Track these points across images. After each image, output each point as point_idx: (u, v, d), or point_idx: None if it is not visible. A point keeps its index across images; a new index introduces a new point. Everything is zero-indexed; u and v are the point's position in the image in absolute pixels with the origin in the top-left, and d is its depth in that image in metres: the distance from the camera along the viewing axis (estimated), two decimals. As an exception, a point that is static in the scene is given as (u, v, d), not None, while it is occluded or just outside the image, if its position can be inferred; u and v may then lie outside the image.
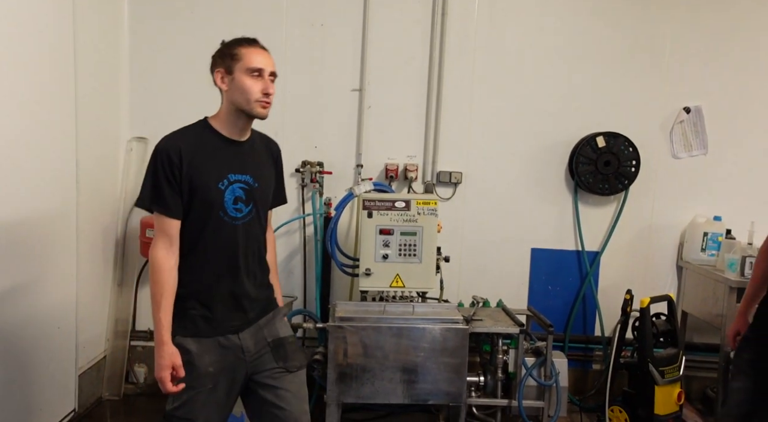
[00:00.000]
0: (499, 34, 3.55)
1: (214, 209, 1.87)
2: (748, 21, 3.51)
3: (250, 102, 1.87)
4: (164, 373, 1.82)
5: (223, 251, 1.91)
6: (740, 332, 2.32)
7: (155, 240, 1.86)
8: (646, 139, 3.54)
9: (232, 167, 1.91)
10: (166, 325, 1.83)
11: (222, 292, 1.93)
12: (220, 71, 1.90)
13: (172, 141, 1.87)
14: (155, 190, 1.84)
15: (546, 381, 2.89)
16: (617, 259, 3.67)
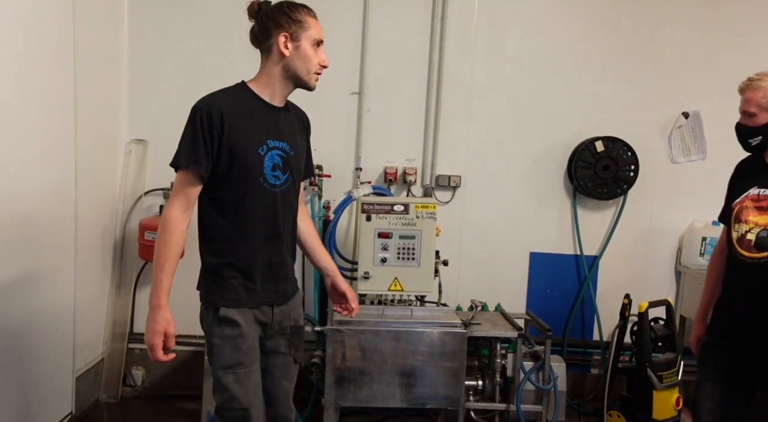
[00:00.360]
0: (499, 39, 3.55)
1: (254, 175, 1.83)
2: (746, 26, 3.52)
3: (310, 73, 1.87)
4: (157, 339, 1.73)
5: (263, 219, 1.86)
6: (701, 338, 2.30)
7: (172, 199, 1.80)
8: (644, 143, 3.55)
9: (270, 132, 1.87)
10: (166, 288, 1.76)
11: (262, 261, 1.88)
12: (285, 35, 1.83)
13: (215, 102, 1.80)
14: (193, 148, 1.77)
15: (544, 386, 2.89)
16: (616, 263, 3.67)
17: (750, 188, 2.07)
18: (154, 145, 3.54)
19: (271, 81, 1.88)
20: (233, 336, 1.81)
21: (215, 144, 1.78)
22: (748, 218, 2.04)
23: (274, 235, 1.90)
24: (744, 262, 2.04)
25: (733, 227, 2.08)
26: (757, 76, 2.05)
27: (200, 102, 1.81)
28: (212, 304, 1.85)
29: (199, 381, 3.19)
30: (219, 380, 1.84)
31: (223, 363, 1.84)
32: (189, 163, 1.77)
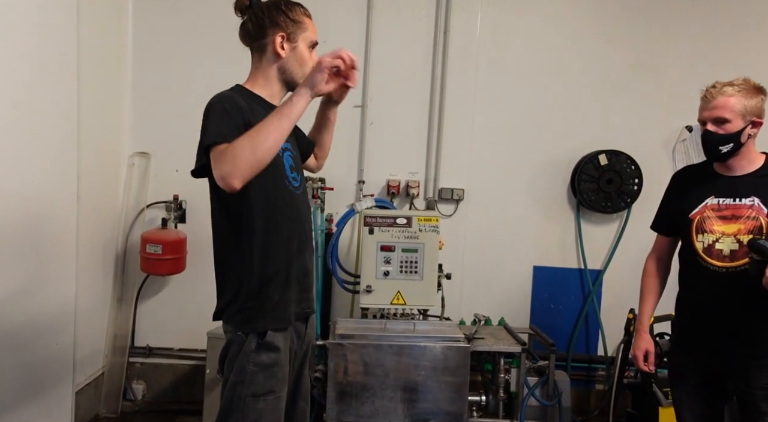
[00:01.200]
0: (501, 52, 3.56)
1: (280, 177, 1.72)
2: (748, 39, 3.52)
3: (305, 76, 1.71)
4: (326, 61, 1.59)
5: (296, 223, 1.77)
6: (648, 351, 2.25)
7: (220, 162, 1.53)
8: (648, 157, 3.54)
9: None
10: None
11: (298, 269, 1.77)
12: (282, 35, 1.74)
13: (232, 96, 1.67)
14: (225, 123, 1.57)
15: (548, 401, 2.85)
16: (620, 278, 3.63)
17: (707, 198, 2.07)
18: (157, 158, 3.55)
19: (268, 82, 1.79)
20: (270, 364, 1.69)
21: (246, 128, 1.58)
22: (713, 228, 2.05)
23: (305, 240, 1.81)
24: (717, 272, 2.03)
25: (695, 237, 2.08)
26: (725, 82, 2.03)
27: (221, 98, 1.66)
28: (256, 328, 1.69)
29: (200, 396, 3.16)
30: (244, 406, 1.69)
31: (254, 391, 1.69)
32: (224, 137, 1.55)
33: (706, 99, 2.05)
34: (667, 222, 2.23)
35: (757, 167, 2.06)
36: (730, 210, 2.03)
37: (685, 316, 2.20)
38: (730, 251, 2.02)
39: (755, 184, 2.03)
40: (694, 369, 2.14)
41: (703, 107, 2.05)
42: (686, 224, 2.11)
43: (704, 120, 2.05)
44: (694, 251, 2.08)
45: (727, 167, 2.08)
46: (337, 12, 3.50)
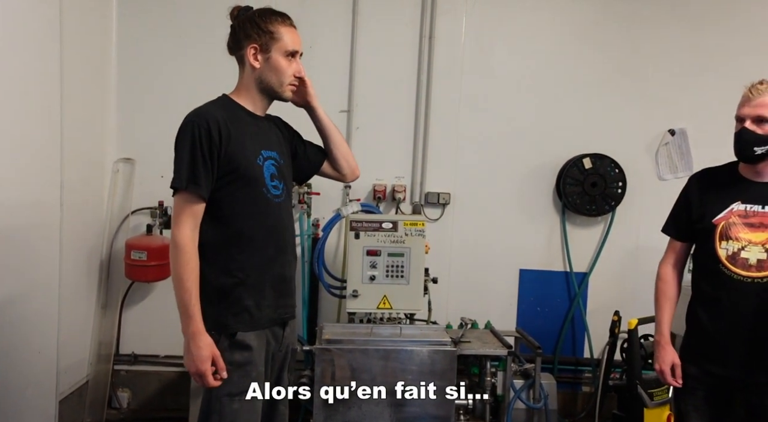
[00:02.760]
0: (486, 58, 3.59)
1: (258, 186, 1.77)
2: (729, 43, 3.57)
3: (283, 85, 1.82)
4: (206, 365, 1.66)
5: (272, 231, 1.81)
6: (675, 364, 2.11)
7: (179, 220, 1.69)
8: (632, 161, 3.58)
9: (262, 143, 1.83)
10: (200, 312, 1.67)
11: (274, 275, 1.82)
12: (254, 47, 1.79)
13: (209, 113, 1.72)
14: (192, 167, 1.68)
15: (534, 404, 2.86)
16: (605, 280, 3.67)
17: (732, 203, 2.01)
18: (142, 164, 3.53)
19: (249, 93, 1.85)
20: (243, 363, 1.74)
21: (215, 160, 1.70)
22: (739, 235, 1.98)
23: (283, 247, 1.85)
24: (741, 281, 1.97)
25: (718, 244, 2.01)
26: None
27: (193, 116, 1.73)
28: (226, 328, 1.75)
29: (186, 403, 3.13)
30: (220, 407, 1.74)
31: (230, 390, 1.74)
32: (188, 184, 1.69)
33: (750, 96, 1.95)
34: (686, 226, 2.13)
35: None
36: (758, 217, 1.97)
37: (700, 326, 2.09)
38: (757, 260, 1.95)
39: None
40: (704, 381, 2.08)
41: (745, 103, 1.96)
42: (709, 230, 2.03)
43: (744, 117, 1.97)
44: (716, 258, 2.00)
45: (756, 171, 2.01)
46: (322, 18, 3.51)
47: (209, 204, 1.75)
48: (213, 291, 1.76)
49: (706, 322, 2.08)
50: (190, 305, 1.66)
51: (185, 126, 1.73)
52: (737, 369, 2.01)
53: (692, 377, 2.11)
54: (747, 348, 1.99)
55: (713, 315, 2.06)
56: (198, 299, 1.68)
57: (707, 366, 2.07)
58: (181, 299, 1.68)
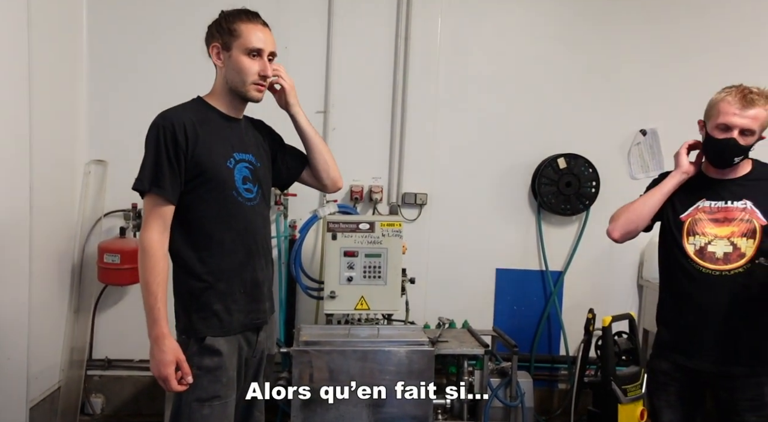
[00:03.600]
0: (462, 58, 3.61)
1: (227, 189, 1.75)
2: (695, 45, 3.65)
3: (246, 84, 1.78)
4: (169, 369, 1.65)
5: (242, 235, 1.79)
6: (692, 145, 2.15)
7: (148, 224, 1.69)
8: (605, 160, 3.63)
9: (235, 145, 1.81)
10: (165, 316, 1.67)
11: (245, 280, 1.80)
12: (216, 46, 1.79)
13: (176, 116, 1.72)
14: (157, 170, 1.68)
15: (511, 402, 2.89)
16: (580, 278, 3.72)
17: (698, 201, 2.06)
18: (114, 165, 3.47)
19: (222, 94, 1.83)
20: (213, 368, 1.72)
21: (181, 163, 1.69)
22: (705, 230, 2.03)
23: (255, 251, 1.83)
24: (710, 275, 2.01)
25: (685, 239, 2.07)
26: (758, 91, 1.95)
27: (159, 119, 1.72)
28: (196, 333, 1.74)
29: (160, 408, 3.09)
30: (190, 412, 1.72)
31: (199, 396, 1.72)
32: (152, 186, 1.69)
33: (743, 104, 1.93)
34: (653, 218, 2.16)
35: (747, 171, 2.07)
36: (722, 213, 2.02)
37: (670, 321, 2.15)
38: (724, 253, 2.00)
39: (746, 187, 2.03)
40: (676, 377, 2.12)
41: (737, 113, 1.94)
42: (676, 226, 2.08)
43: (733, 126, 1.95)
44: (684, 253, 2.05)
45: (721, 171, 2.07)
46: (297, 18, 3.49)
47: (178, 208, 1.73)
48: (183, 295, 1.75)
49: (676, 316, 2.13)
50: (154, 308, 1.66)
51: (151, 129, 1.72)
52: (707, 361, 2.05)
53: (664, 372, 2.16)
54: (716, 340, 2.03)
55: (683, 309, 2.10)
56: (164, 303, 1.67)
57: (678, 360, 2.11)
58: (147, 302, 1.67)
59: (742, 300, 1.97)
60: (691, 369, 2.09)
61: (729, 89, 2.00)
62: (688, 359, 2.09)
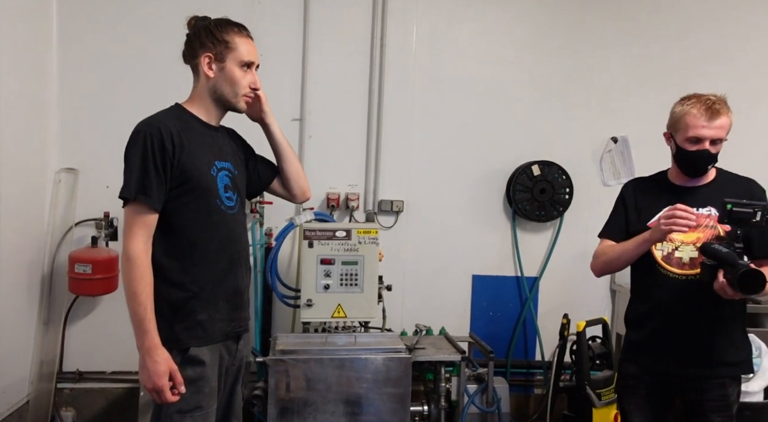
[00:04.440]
0: (437, 65, 3.64)
1: (211, 197, 1.75)
2: (665, 56, 3.74)
3: (237, 95, 1.80)
4: (163, 380, 1.62)
5: (225, 243, 1.79)
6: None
7: (132, 232, 1.66)
8: (578, 167, 3.69)
9: (215, 153, 1.81)
10: (155, 326, 1.64)
11: (226, 288, 1.80)
12: (208, 56, 1.77)
13: (162, 123, 1.70)
14: (144, 178, 1.65)
15: (488, 408, 2.90)
16: (555, 284, 3.76)
17: (665, 208, 2.09)
18: (86, 174, 3.40)
19: (203, 102, 1.83)
20: (195, 379, 1.70)
21: (168, 171, 1.68)
22: (672, 236, 2.07)
23: (237, 259, 1.83)
24: (677, 279, 2.06)
25: (654, 245, 2.10)
26: (720, 99, 2.01)
27: (145, 125, 1.70)
28: (178, 343, 1.71)
29: (133, 420, 3.03)
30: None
31: (180, 407, 1.70)
32: (138, 194, 1.66)
33: (710, 116, 1.98)
34: (624, 230, 2.19)
35: (710, 179, 2.12)
36: None
37: (639, 325, 2.19)
38: (690, 258, 2.05)
39: (711, 194, 2.08)
40: (644, 380, 2.16)
41: (705, 124, 1.99)
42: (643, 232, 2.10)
43: (704, 138, 2.00)
44: (652, 259, 2.09)
45: (686, 179, 2.12)
46: (273, 24, 3.48)
47: (161, 216, 1.71)
48: (165, 305, 1.72)
49: (643, 320, 2.18)
50: (145, 319, 1.62)
51: (136, 135, 1.69)
52: (673, 364, 2.10)
53: (633, 375, 2.20)
54: (681, 343, 2.08)
55: (651, 313, 2.15)
56: (153, 313, 1.64)
57: (645, 363, 2.16)
58: (135, 313, 1.64)
59: (705, 304, 2.02)
60: (658, 372, 2.14)
61: (690, 101, 2.05)
62: (654, 362, 2.14)
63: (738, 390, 2.14)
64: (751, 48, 3.76)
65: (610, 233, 2.25)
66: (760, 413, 2.80)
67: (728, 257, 1.87)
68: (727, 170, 2.19)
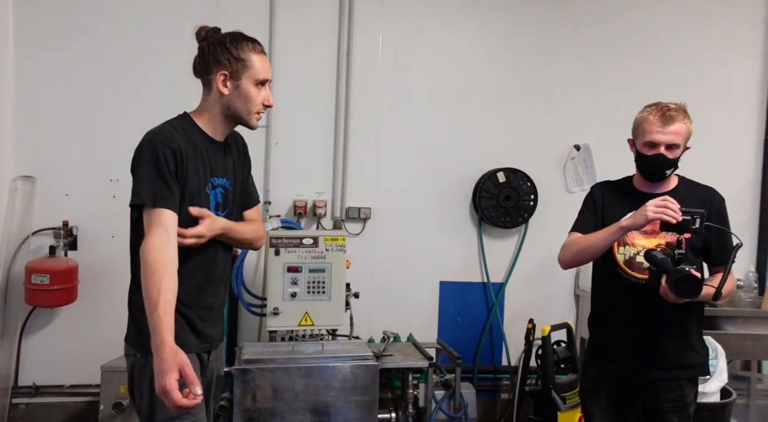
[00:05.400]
0: (403, 74, 3.66)
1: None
2: (624, 67, 3.83)
3: (251, 113, 1.78)
4: (169, 379, 1.46)
5: (205, 259, 1.77)
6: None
7: (150, 233, 1.61)
8: (542, 174, 3.75)
9: (214, 170, 1.79)
10: (168, 324, 1.52)
11: (201, 304, 1.78)
12: (224, 74, 1.74)
13: (172, 137, 1.68)
14: (159, 183, 1.63)
15: (455, 414, 2.92)
16: (520, 289, 3.81)
17: (629, 213, 2.13)
18: (44, 182, 3.31)
19: (212, 118, 1.80)
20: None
21: (179, 179, 1.67)
22: (634, 241, 2.13)
23: (214, 277, 1.82)
24: (637, 284, 2.10)
25: (616, 249, 2.15)
26: (676, 106, 2.07)
27: (156, 136, 1.68)
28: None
29: (94, 435, 2.95)
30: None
31: (168, 415, 1.64)
32: (156, 201, 1.62)
33: (664, 122, 2.05)
34: (596, 227, 2.19)
35: (673, 187, 2.17)
36: (651, 225, 2.07)
37: (601, 328, 2.24)
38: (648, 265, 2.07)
39: None
40: (606, 382, 2.19)
41: (660, 130, 2.06)
42: None
43: (658, 143, 2.07)
44: (615, 263, 2.14)
45: (650, 185, 2.17)
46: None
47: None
48: (140, 313, 1.66)
49: (605, 323, 2.23)
50: (153, 316, 1.53)
51: (147, 144, 1.68)
52: (633, 367, 2.15)
53: (594, 378, 2.25)
54: (643, 346, 2.13)
55: (612, 317, 2.20)
56: (167, 311, 1.53)
57: (607, 366, 2.20)
58: (149, 310, 1.56)
59: (664, 308, 2.07)
60: (618, 375, 2.18)
61: (649, 108, 2.13)
62: (615, 365, 2.18)
63: (695, 391, 2.20)
64: (703, 58, 3.89)
65: (582, 229, 2.24)
66: (716, 413, 2.88)
67: (662, 264, 1.94)
68: (690, 179, 2.24)
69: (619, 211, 2.17)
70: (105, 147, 3.29)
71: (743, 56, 3.94)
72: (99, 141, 3.30)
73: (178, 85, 3.21)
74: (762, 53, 3.95)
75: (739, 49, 3.94)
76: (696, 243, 2.09)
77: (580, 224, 2.27)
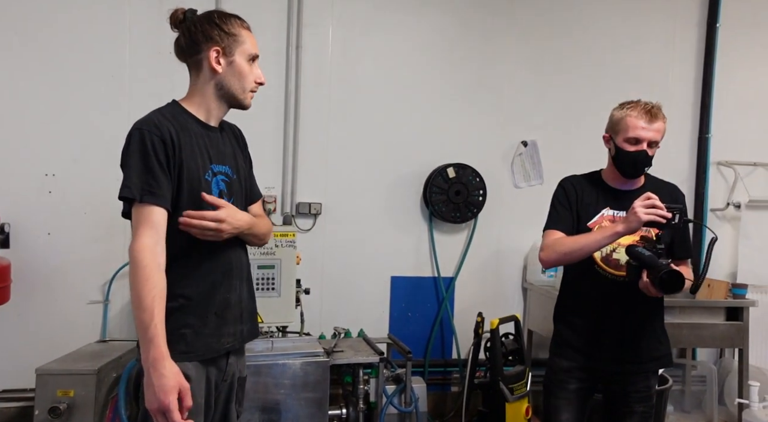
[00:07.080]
0: (353, 68, 3.65)
1: (204, 204, 1.61)
2: (570, 64, 3.95)
3: (245, 91, 1.71)
4: (171, 398, 1.41)
5: (217, 253, 1.66)
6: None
7: (138, 233, 1.52)
8: (491, 170, 3.82)
9: (212, 156, 1.68)
10: (163, 334, 1.45)
11: (218, 301, 1.67)
12: (216, 50, 1.66)
13: (161, 123, 1.58)
14: (147, 176, 1.53)
15: (406, 408, 2.94)
16: (470, 283, 3.87)
17: (603, 209, 2.15)
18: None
19: (204, 100, 1.70)
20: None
21: (172, 169, 1.57)
22: None
23: (230, 271, 1.71)
24: (614, 281, 2.11)
25: None
26: (657, 105, 2.09)
27: (144, 125, 1.58)
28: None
29: (30, 442, 2.81)
30: None
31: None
32: (143, 195, 1.53)
33: (649, 119, 2.06)
34: (573, 223, 2.19)
35: (641, 184, 2.19)
36: None
37: (572, 323, 2.23)
38: (627, 260, 2.06)
39: None
40: (575, 374, 2.20)
41: (645, 126, 2.06)
42: (584, 233, 2.13)
43: (643, 139, 2.07)
44: (591, 259, 2.12)
45: (623, 181, 2.17)
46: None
47: None
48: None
49: (578, 318, 2.22)
50: (150, 326, 1.45)
51: (134, 134, 1.58)
52: (607, 361, 2.17)
53: (564, 370, 2.23)
54: (615, 340, 2.16)
55: (586, 312, 2.20)
56: (162, 320, 1.47)
57: (579, 359, 2.20)
58: (140, 320, 1.47)
59: (635, 303, 2.12)
60: (589, 367, 2.20)
61: (630, 105, 2.13)
62: (587, 359, 2.19)
63: (657, 381, 2.27)
64: (642, 60, 4.05)
65: (560, 226, 2.20)
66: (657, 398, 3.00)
67: (650, 260, 1.97)
68: (652, 175, 2.27)
69: (593, 208, 2.17)
70: (40, 141, 3.13)
71: (678, 58, 4.12)
72: (33, 134, 3.14)
73: (118, 77, 3.11)
74: (695, 54, 4.13)
75: (676, 52, 4.11)
76: (667, 238, 2.11)
77: (558, 220, 2.21)
